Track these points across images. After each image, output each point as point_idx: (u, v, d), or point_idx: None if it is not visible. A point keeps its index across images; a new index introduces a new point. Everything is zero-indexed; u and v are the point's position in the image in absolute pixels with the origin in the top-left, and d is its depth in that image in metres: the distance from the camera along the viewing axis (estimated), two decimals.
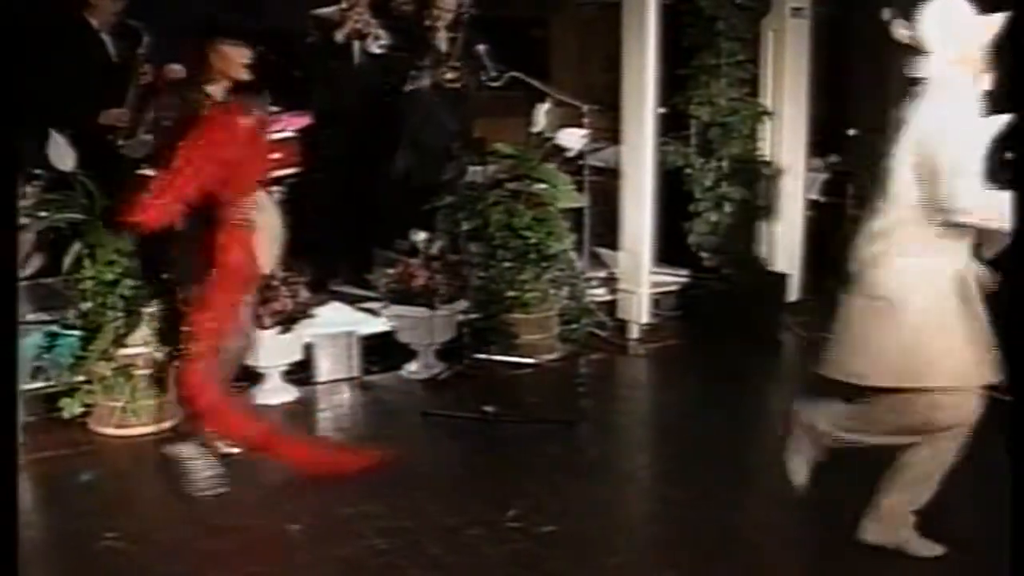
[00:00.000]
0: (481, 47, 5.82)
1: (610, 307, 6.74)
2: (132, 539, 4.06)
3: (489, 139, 6.84)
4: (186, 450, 4.49)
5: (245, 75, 4.39)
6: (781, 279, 6.95)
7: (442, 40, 6.59)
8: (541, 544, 4.02)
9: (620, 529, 4.22)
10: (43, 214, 5.05)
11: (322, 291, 6.37)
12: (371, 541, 4.01)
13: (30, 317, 5.74)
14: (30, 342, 5.28)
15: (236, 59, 4.36)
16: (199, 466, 4.44)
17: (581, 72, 9.11)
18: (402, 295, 5.74)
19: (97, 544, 4.01)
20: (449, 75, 6.48)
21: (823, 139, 8.09)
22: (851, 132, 7.68)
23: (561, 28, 9.87)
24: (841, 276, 3.82)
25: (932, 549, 3.81)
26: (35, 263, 5.37)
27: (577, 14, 9.63)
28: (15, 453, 2.70)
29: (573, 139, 6.14)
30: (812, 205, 7.54)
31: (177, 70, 6.70)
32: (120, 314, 4.99)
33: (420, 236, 6.27)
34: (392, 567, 3.87)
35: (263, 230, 4.75)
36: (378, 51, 6.47)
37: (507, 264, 6.08)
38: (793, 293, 7.09)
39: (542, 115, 6.00)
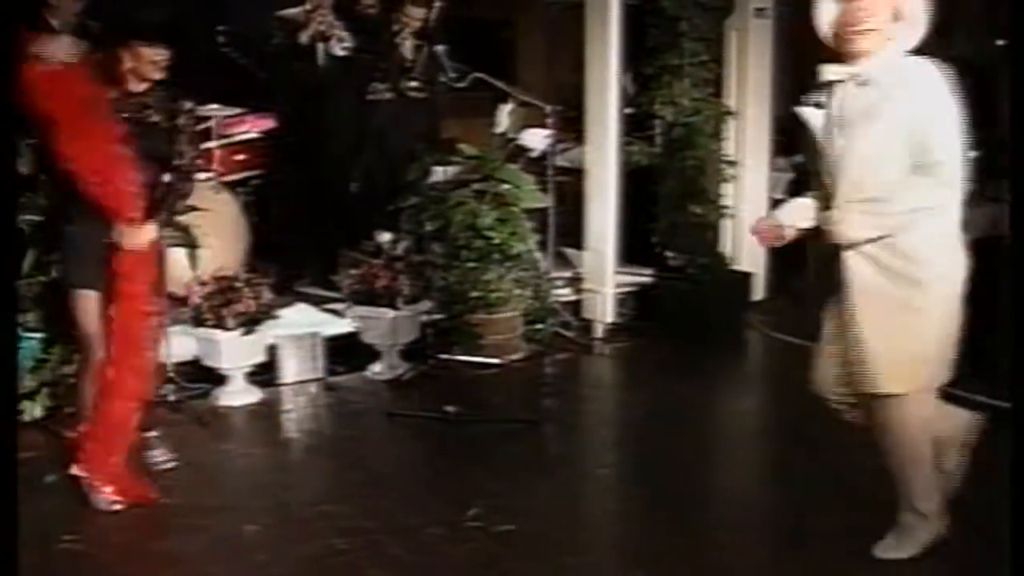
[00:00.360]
0: (440, 48, 5.82)
1: (576, 307, 6.78)
2: (90, 541, 4.06)
3: (455, 140, 6.86)
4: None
5: (158, 75, 4.24)
6: (745, 278, 6.99)
7: (408, 48, 6.62)
8: (500, 543, 4.04)
9: (579, 528, 4.24)
10: None
11: (287, 292, 6.39)
12: (331, 540, 4.02)
13: None
14: None
15: (150, 58, 4.20)
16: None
17: (549, 73, 9.12)
18: (365, 296, 5.76)
19: (56, 546, 4.01)
20: (413, 84, 6.51)
21: (789, 139, 8.16)
22: None
23: (528, 29, 9.89)
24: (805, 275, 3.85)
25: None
26: None
27: (545, 14, 9.65)
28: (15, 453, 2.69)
29: (536, 139, 6.18)
30: (777, 204, 7.59)
31: None
32: None
33: (385, 237, 6.31)
34: (351, 566, 3.88)
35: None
36: (342, 53, 6.48)
37: (471, 264, 6.09)
38: (758, 292, 7.14)
39: (505, 116, 6.05)
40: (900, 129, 3.48)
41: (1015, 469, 2.93)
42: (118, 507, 4.25)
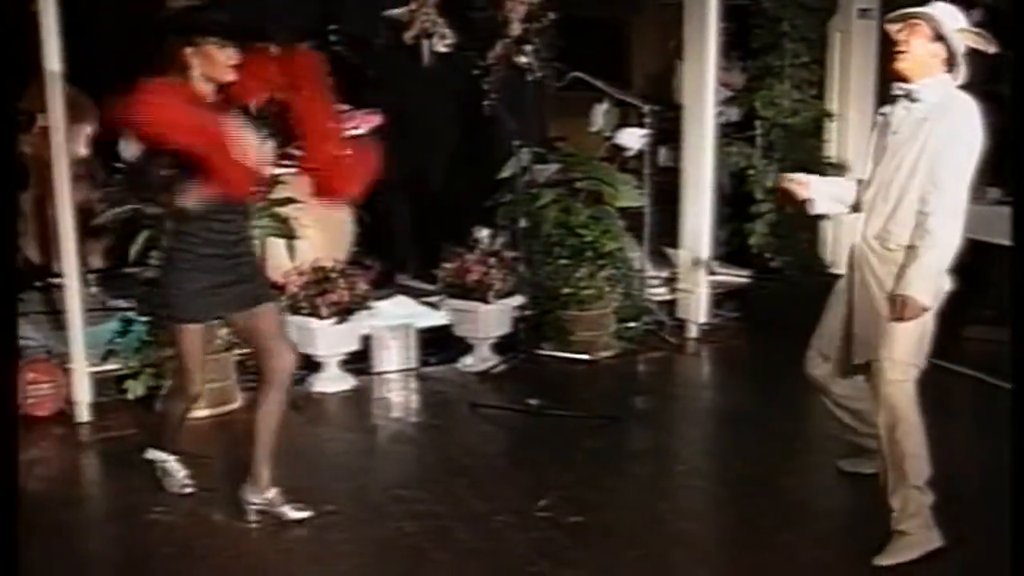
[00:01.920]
0: (528, 47, 5.93)
1: (672, 306, 6.83)
2: (179, 514, 4.31)
3: (557, 139, 6.98)
4: (160, 455, 4.54)
5: (230, 76, 3.91)
6: None
7: (516, 29, 6.72)
8: (566, 534, 4.14)
9: (646, 523, 4.28)
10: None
11: (389, 284, 6.59)
12: (401, 524, 4.18)
13: (109, 304, 6.09)
14: (107, 327, 5.60)
15: (221, 60, 3.89)
16: (173, 468, 4.52)
17: (660, 73, 9.16)
18: (458, 289, 5.90)
19: (145, 517, 4.27)
20: (522, 58, 6.54)
21: None
22: None
23: (643, 28, 9.92)
24: None
25: None
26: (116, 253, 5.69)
27: (659, 15, 9.68)
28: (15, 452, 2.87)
29: (633, 139, 6.24)
30: None
31: None
32: None
33: (483, 232, 6.45)
34: (416, 549, 4.04)
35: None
36: (444, 50, 6.63)
37: (563, 261, 6.20)
38: None
39: (600, 115, 6.12)
40: (928, 152, 3.82)
41: (1015, 469, 3.00)
42: (189, 490, 4.47)
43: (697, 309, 6.62)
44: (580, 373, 6.14)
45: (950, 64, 3.87)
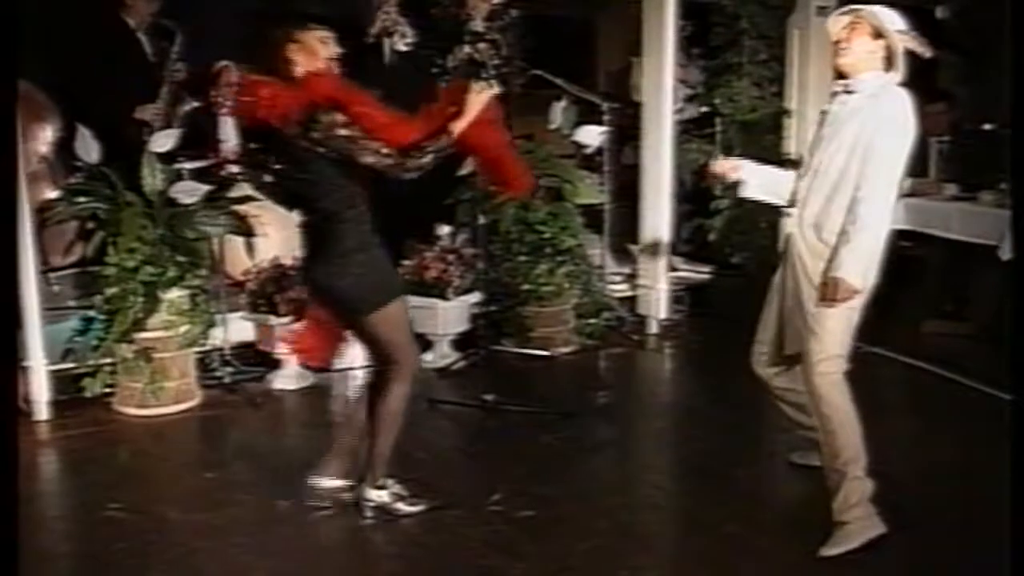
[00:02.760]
0: (481, 46, 6.00)
1: (633, 302, 6.91)
2: (134, 511, 4.36)
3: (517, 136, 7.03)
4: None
5: (334, 70, 3.95)
6: None
7: (478, 27, 6.79)
8: (518, 527, 4.21)
9: (598, 516, 4.35)
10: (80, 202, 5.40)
11: None
12: (353, 519, 4.24)
13: (71, 303, 6.12)
14: (67, 326, 5.65)
15: (324, 54, 3.91)
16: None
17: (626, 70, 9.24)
18: (416, 286, 5.96)
19: (100, 514, 4.32)
20: (477, 56, 6.60)
21: None
22: None
23: (608, 26, 10.00)
24: None
25: None
26: (77, 251, 5.72)
27: (624, 13, 9.77)
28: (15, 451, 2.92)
29: (591, 136, 6.32)
30: None
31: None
32: (140, 299, 5.29)
33: (444, 229, 6.51)
34: (369, 541, 4.13)
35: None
36: (405, 48, 6.69)
37: (522, 258, 6.27)
38: None
39: (559, 113, 6.19)
40: (863, 140, 3.92)
41: (1015, 469, 3.01)
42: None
43: (657, 305, 6.71)
44: (539, 369, 6.22)
45: (889, 62, 3.99)
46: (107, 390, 5.49)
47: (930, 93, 7.34)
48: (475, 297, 6.10)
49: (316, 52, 3.90)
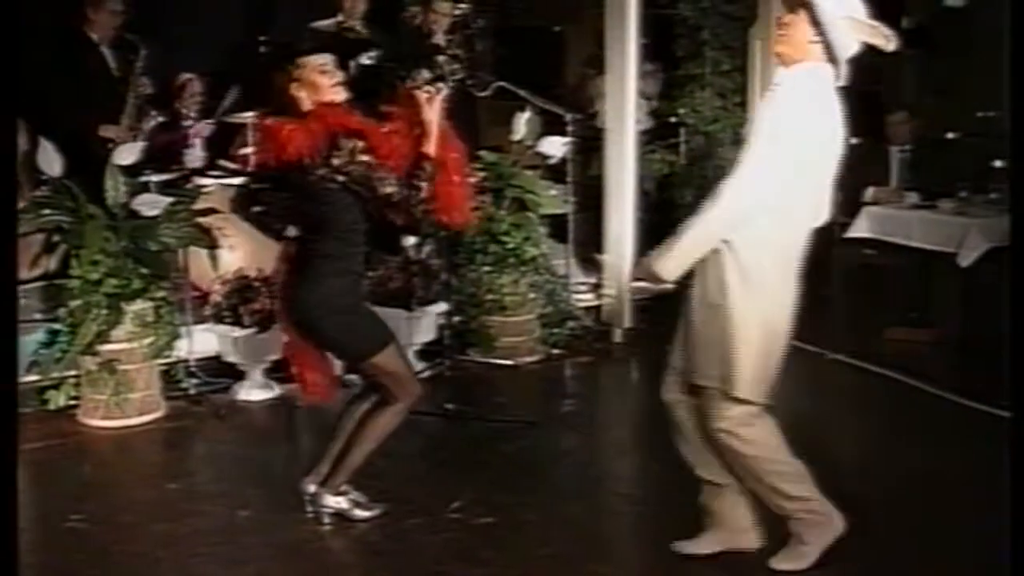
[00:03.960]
0: (441, 58, 6.09)
1: (598, 312, 7.01)
2: (96, 521, 4.43)
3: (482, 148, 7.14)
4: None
5: (341, 97, 4.00)
6: None
7: (440, 40, 6.90)
8: (477, 535, 4.30)
9: (557, 524, 4.43)
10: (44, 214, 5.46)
11: None
12: (315, 527, 4.31)
13: (37, 315, 6.17)
14: (32, 339, 5.71)
15: (326, 84, 3.96)
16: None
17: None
18: (380, 297, 6.04)
19: (62, 525, 4.39)
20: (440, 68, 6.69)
21: None
22: (853, 140, 7.86)
23: (578, 37, 10.13)
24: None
25: None
26: (44, 264, 5.78)
27: (595, 23, 9.90)
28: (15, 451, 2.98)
29: (555, 147, 6.42)
30: None
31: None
32: (104, 311, 5.35)
33: (410, 241, 6.59)
34: (327, 551, 4.21)
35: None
36: (367, 62, 6.77)
37: (486, 268, 6.37)
38: None
39: (522, 123, 6.28)
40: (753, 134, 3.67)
41: (1015, 469, 3.01)
42: None
43: (622, 315, 6.80)
44: (504, 379, 6.31)
45: (830, 56, 3.61)
46: (71, 402, 5.57)
47: (892, 103, 7.51)
48: (440, 307, 6.19)
49: (318, 84, 3.94)
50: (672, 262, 3.73)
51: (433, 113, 4.07)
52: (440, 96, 4.10)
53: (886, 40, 3.65)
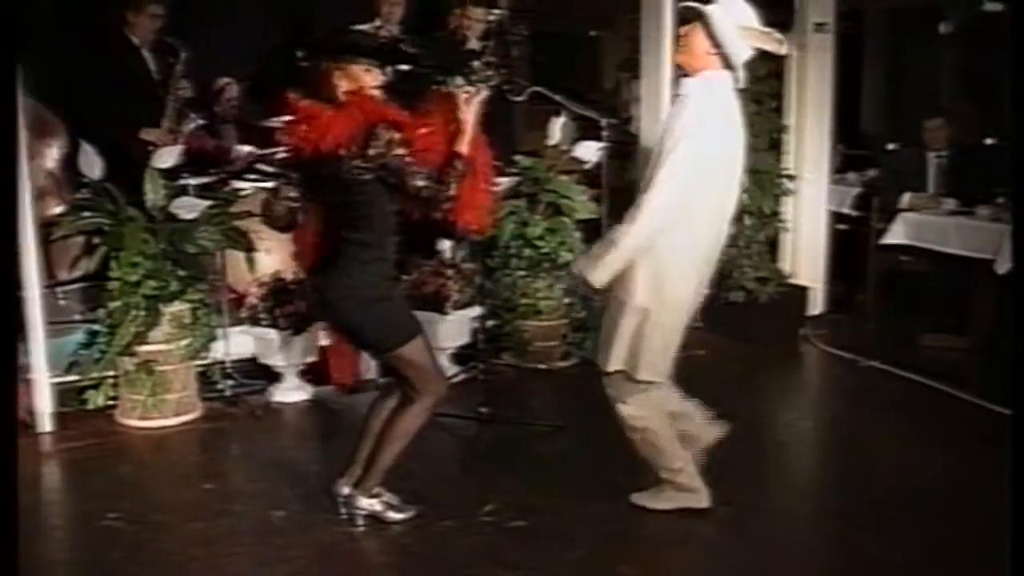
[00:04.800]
0: (475, 63, 6.12)
1: None
2: (132, 520, 4.51)
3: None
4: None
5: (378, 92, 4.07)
6: (802, 292, 7.15)
7: (474, 46, 6.95)
8: (508, 537, 4.36)
9: (588, 526, 4.48)
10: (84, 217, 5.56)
11: None
12: (348, 528, 4.38)
13: (76, 316, 6.28)
14: (72, 339, 5.81)
15: (368, 81, 4.03)
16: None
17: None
18: (415, 300, 6.08)
19: (99, 523, 4.48)
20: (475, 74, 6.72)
21: (862, 153, 8.29)
22: (890, 146, 7.87)
23: (615, 43, 10.17)
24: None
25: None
26: (84, 266, 5.88)
27: (632, 30, 9.92)
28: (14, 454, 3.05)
29: (590, 152, 6.44)
30: (844, 219, 7.78)
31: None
32: (142, 313, 5.44)
33: (445, 244, 6.66)
34: (363, 553, 4.29)
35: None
36: (405, 67, 6.82)
37: (520, 273, 6.42)
38: (816, 306, 7.28)
39: (557, 128, 6.32)
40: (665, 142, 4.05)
41: (1015, 469, 3.10)
42: None
43: None
44: (538, 383, 6.37)
45: (727, 63, 4.00)
46: (110, 402, 5.67)
47: (929, 108, 7.49)
48: (474, 311, 6.23)
49: (360, 79, 4.00)
50: (602, 272, 4.14)
51: (470, 114, 4.14)
52: (478, 97, 4.18)
53: (778, 45, 4.10)
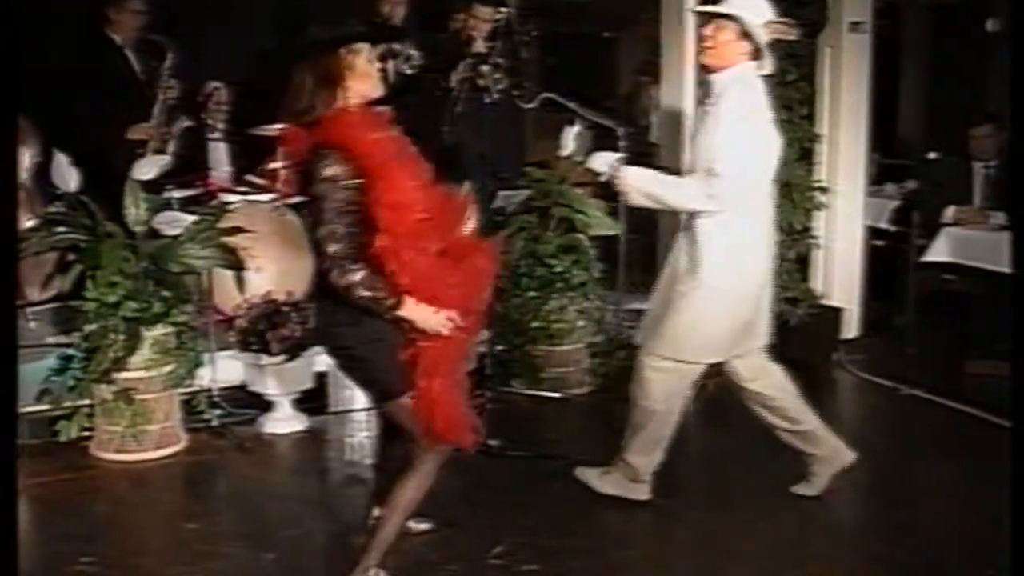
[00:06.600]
0: (484, 67, 6.03)
1: None
2: (107, 564, 4.35)
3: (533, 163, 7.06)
4: None
5: (379, 91, 3.81)
6: (836, 314, 6.98)
7: (480, 47, 6.87)
8: None
9: (604, 571, 4.36)
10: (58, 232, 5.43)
11: None
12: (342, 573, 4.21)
13: (49, 340, 6.15)
14: (42, 365, 5.67)
15: (373, 74, 3.79)
16: None
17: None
18: None
19: (70, 568, 4.32)
20: (481, 80, 6.63)
21: (900, 163, 8.15)
22: (931, 155, 7.70)
23: (632, 45, 10.07)
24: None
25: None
26: (57, 285, 5.75)
27: (651, 31, 9.83)
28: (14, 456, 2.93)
29: (606, 163, 6.28)
30: (881, 234, 7.62)
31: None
32: (122, 336, 5.30)
33: None
34: None
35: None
36: (409, 71, 6.73)
37: (531, 293, 6.27)
38: (851, 329, 7.12)
39: (571, 138, 6.17)
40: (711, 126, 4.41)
41: (1015, 469, 3.10)
42: None
43: None
44: (551, 411, 6.22)
45: (756, 55, 4.43)
46: (84, 434, 5.52)
47: (976, 114, 7.32)
48: (482, 335, 6.08)
49: (366, 72, 3.75)
50: (637, 182, 4.68)
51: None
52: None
53: (789, 31, 4.71)
